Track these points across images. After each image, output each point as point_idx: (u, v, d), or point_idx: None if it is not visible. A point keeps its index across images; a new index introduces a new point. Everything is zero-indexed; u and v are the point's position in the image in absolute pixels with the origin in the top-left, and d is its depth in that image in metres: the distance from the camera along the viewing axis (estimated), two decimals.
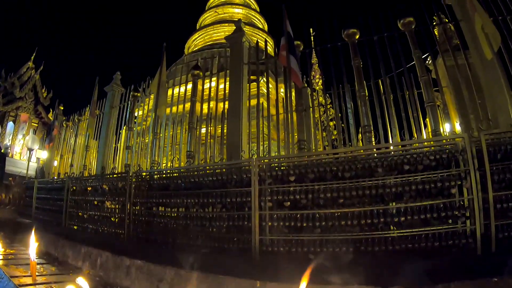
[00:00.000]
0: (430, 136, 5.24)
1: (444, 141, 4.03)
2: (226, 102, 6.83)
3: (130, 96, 8.72)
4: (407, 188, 3.73)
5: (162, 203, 5.31)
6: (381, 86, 6.42)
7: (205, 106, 7.60)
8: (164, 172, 5.65)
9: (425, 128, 7.74)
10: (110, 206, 6.34)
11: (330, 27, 6.23)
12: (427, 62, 6.66)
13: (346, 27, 5.82)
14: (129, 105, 8.85)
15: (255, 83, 6.88)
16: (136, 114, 18.19)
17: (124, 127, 9.87)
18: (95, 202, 6.74)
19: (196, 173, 4.98)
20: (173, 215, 5.13)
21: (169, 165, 7.08)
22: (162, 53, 7.03)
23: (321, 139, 8.23)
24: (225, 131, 6.54)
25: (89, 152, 9.90)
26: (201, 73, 7.09)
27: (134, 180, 5.89)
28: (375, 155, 4.02)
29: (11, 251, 4.48)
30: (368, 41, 5.97)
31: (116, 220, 6.08)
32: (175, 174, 5.35)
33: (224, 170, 4.71)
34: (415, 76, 5.84)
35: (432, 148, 3.91)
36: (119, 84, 9.96)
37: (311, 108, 6.66)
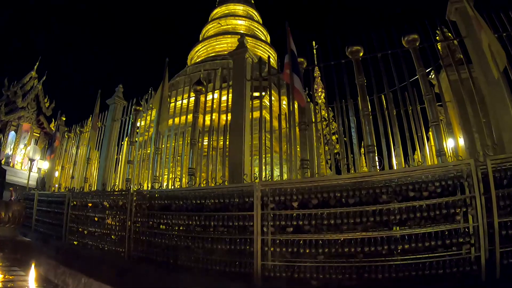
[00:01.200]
0: (434, 155, 5.19)
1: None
2: (229, 114, 6.79)
3: (132, 110, 8.69)
4: (411, 215, 3.69)
5: (163, 223, 5.26)
6: (384, 102, 6.35)
7: (207, 117, 7.58)
8: (165, 192, 5.59)
9: (427, 141, 7.67)
10: (110, 223, 6.28)
11: (333, 43, 6.21)
12: (430, 76, 6.62)
13: (350, 44, 5.80)
14: (131, 119, 8.83)
15: (258, 99, 6.87)
16: (138, 124, 18.21)
17: (126, 139, 9.89)
18: (96, 219, 6.69)
19: (198, 194, 4.94)
20: (174, 235, 5.07)
21: (170, 184, 7.00)
22: (165, 69, 7.03)
23: (323, 154, 8.14)
24: (227, 144, 6.49)
25: (90, 164, 9.87)
26: (203, 89, 7.05)
27: (135, 198, 5.84)
28: (379, 179, 3.96)
29: (10, 277, 4.41)
30: (372, 57, 5.96)
31: (117, 238, 6.02)
32: (176, 194, 5.29)
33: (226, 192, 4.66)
34: (418, 89, 5.80)
35: (437, 173, 3.86)
36: (121, 97, 9.95)
37: (313, 124, 6.64)
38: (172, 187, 6.51)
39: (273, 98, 7.82)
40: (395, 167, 5.92)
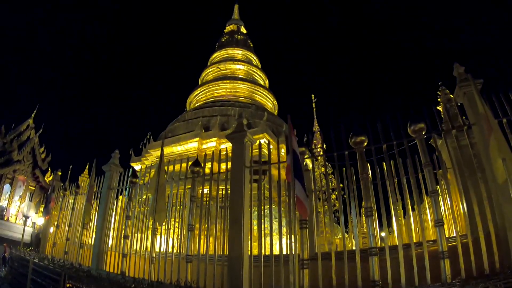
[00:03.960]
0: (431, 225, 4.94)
1: None
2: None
3: (128, 182, 8.44)
4: None
5: None
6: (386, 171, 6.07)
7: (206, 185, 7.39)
8: None
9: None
10: None
11: (337, 133, 6.03)
12: (430, 141, 6.46)
13: (354, 134, 5.61)
14: (127, 191, 8.58)
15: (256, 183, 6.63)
16: (137, 169, 17.91)
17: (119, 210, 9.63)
18: None
19: None
20: None
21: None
22: (161, 152, 6.80)
23: (322, 213, 7.90)
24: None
25: (86, 230, 9.55)
26: (201, 170, 6.78)
27: None
28: None
29: None
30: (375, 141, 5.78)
31: None
32: None
33: None
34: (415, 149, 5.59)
35: None
36: (117, 164, 9.70)
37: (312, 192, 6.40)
38: None
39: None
40: (395, 232, 5.72)
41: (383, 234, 8.38)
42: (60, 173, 13.63)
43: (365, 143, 5.60)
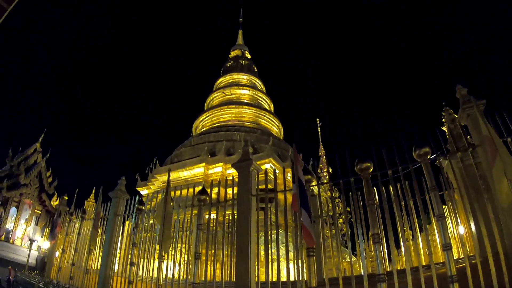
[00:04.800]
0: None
1: None
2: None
3: (135, 209, 8.48)
4: None
5: None
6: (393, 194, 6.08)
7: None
8: None
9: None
10: None
11: (342, 158, 6.09)
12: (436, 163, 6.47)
13: (359, 161, 5.65)
14: (133, 219, 8.61)
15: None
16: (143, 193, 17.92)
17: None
18: None
19: None
20: None
21: None
22: (168, 180, 6.85)
23: (330, 237, 7.85)
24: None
25: (92, 256, 9.55)
26: (207, 198, 6.82)
27: None
28: None
29: None
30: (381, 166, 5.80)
31: None
32: None
33: None
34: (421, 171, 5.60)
35: None
36: (124, 190, 9.76)
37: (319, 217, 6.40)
38: None
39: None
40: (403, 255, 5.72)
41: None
42: (66, 198, 13.69)
43: (371, 169, 5.63)
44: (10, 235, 19.31)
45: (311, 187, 6.33)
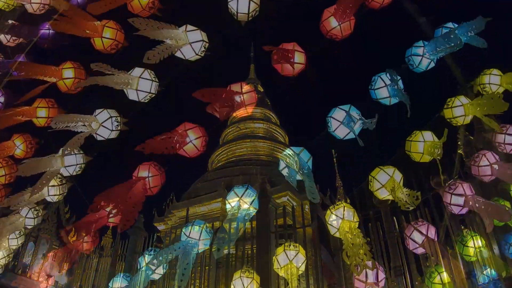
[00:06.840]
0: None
1: None
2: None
3: (153, 246, 8.52)
4: None
5: None
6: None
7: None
8: None
9: None
10: None
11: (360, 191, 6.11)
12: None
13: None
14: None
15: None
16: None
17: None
18: None
19: None
20: None
21: None
22: (186, 219, 6.90)
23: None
24: None
25: None
26: (226, 236, 6.80)
27: None
28: None
29: None
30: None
31: None
32: None
33: None
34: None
35: None
36: (141, 227, 9.85)
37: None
38: None
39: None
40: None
41: None
42: (84, 234, 13.70)
43: (390, 202, 5.63)
44: (27, 270, 19.28)
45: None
